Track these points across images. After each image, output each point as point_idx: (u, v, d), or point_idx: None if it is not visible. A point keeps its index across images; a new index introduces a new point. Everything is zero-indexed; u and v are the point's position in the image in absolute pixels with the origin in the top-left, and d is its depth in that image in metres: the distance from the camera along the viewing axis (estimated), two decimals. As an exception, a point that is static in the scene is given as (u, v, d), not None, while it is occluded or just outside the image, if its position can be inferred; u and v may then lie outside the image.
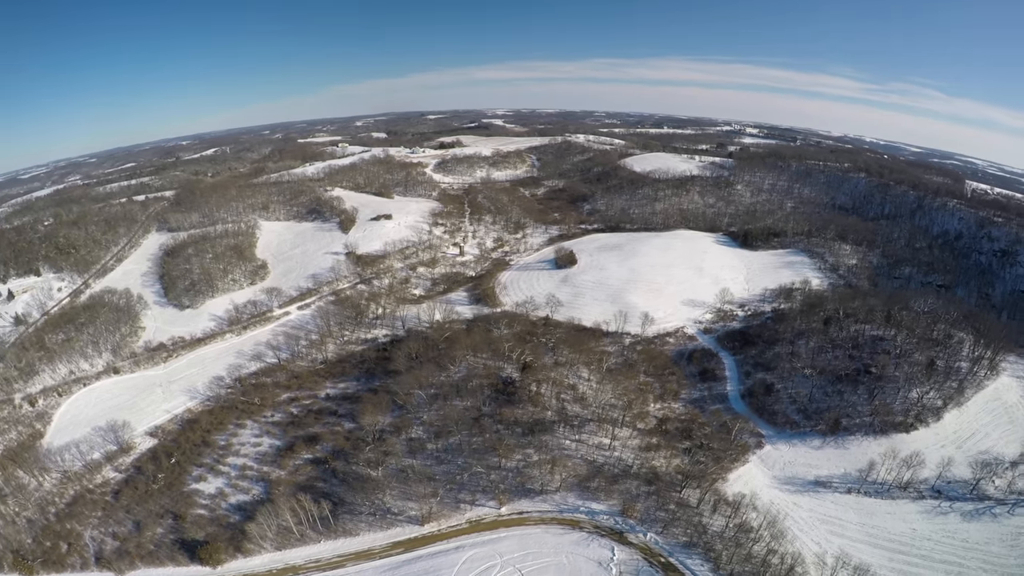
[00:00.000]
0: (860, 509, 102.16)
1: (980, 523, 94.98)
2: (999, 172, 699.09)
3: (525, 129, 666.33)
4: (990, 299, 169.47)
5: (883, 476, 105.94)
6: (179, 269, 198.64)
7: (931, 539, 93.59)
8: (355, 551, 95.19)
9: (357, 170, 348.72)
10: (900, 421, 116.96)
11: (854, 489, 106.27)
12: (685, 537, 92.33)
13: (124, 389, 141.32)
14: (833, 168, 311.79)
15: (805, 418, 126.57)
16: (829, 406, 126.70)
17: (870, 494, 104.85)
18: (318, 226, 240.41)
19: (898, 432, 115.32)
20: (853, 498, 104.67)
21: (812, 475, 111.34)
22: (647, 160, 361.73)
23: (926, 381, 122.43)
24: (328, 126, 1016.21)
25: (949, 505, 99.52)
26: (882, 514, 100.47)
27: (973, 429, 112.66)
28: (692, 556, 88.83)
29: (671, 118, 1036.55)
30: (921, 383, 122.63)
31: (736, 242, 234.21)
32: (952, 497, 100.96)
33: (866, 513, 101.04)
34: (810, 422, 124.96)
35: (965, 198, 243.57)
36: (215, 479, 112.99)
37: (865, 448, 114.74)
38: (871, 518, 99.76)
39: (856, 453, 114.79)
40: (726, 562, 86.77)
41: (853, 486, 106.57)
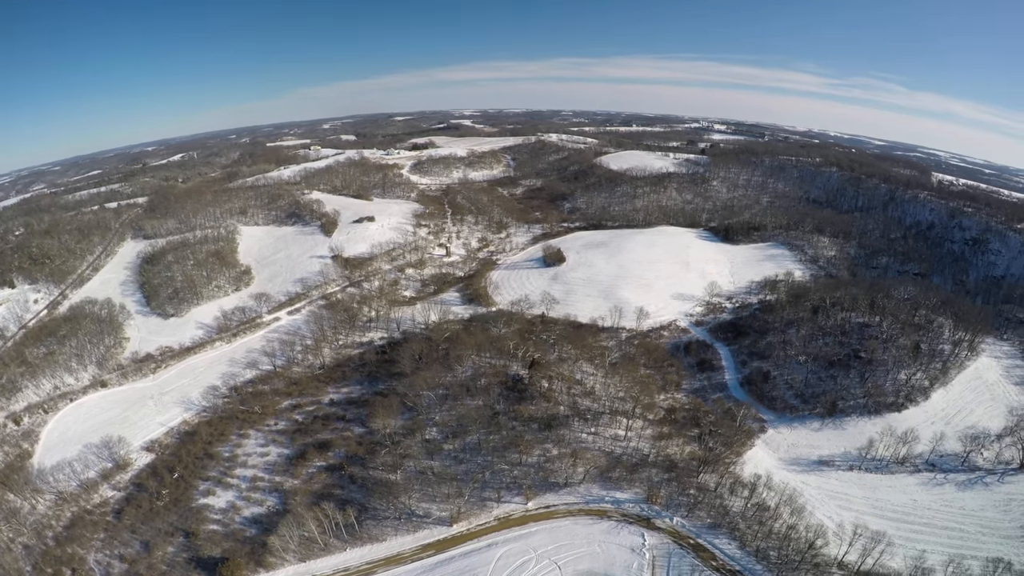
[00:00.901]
0: (863, 484, 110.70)
1: (974, 491, 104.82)
2: (961, 163, 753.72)
3: (495, 129, 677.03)
4: (965, 285, 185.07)
5: (881, 453, 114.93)
6: (160, 277, 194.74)
7: (931, 508, 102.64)
8: (384, 556, 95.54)
9: (333, 173, 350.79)
10: (892, 401, 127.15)
11: (855, 466, 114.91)
12: (709, 519, 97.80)
13: (114, 403, 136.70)
14: (805, 163, 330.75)
15: (803, 402, 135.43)
16: (824, 390, 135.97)
17: (870, 470, 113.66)
18: (299, 230, 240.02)
19: (890, 412, 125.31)
20: (855, 474, 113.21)
21: (815, 455, 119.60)
22: (623, 158, 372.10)
23: (912, 363, 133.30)
24: (295, 129, 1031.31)
25: (944, 477, 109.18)
26: (884, 488, 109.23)
27: (959, 406, 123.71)
28: (719, 536, 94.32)
29: (638, 116, 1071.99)
30: (908, 365, 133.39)
31: (718, 237, 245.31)
32: (946, 469, 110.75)
33: (869, 488, 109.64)
34: (808, 406, 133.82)
35: (933, 190, 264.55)
36: (225, 492, 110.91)
37: (861, 428, 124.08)
38: (874, 492, 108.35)
39: (853, 433, 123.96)
40: (751, 539, 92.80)
41: (854, 463, 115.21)
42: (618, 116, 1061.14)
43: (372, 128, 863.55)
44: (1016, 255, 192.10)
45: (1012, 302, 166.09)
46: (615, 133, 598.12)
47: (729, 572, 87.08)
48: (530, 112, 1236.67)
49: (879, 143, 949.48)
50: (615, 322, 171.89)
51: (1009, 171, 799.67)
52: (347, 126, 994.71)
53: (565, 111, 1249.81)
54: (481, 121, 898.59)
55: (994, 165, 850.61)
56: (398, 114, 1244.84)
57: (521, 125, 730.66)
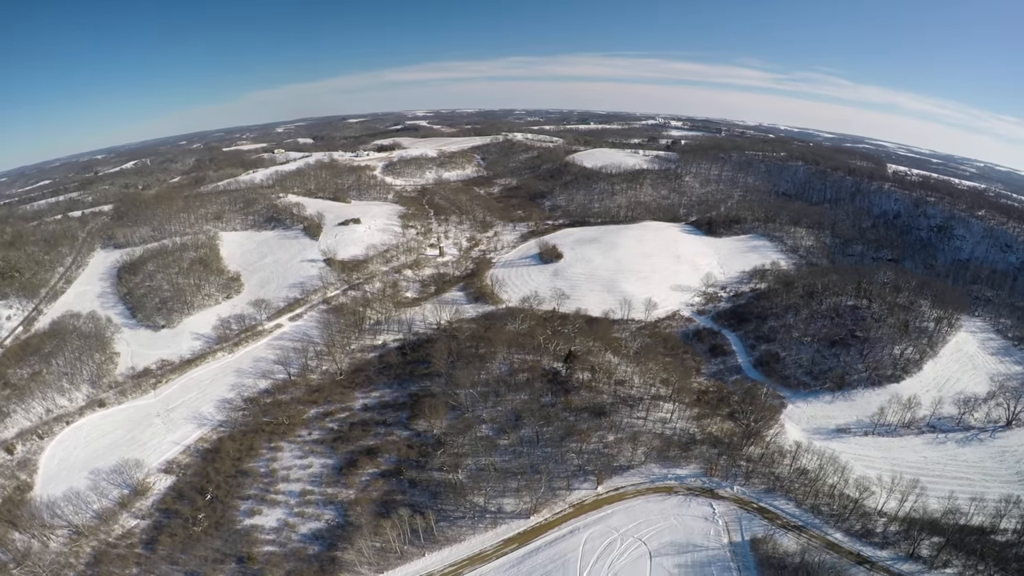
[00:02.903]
0: (879, 447, 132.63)
1: (972, 447, 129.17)
2: (908, 154, 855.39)
3: (454, 129, 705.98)
4: (934, 269, 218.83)
5: (889, 419, 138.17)
6: (144, 287, 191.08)
7: (939, 463, 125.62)
8: (467, 557, 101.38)
9: (305, 175, 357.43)
10: (890, 373, 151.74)
11: (869, 431, 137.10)
12: (763, 485, 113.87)
13: (116, 423, 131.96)
14: (771, 158, 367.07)
15: (813, 379, 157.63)
16: (830, 367, 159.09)
17: (882, 434, 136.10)
18: (281, 234, 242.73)
19: (891, 383, 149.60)
20: (870, 439, 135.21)
21: (833, 424, 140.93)
22: (594, 156, 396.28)
23: (903, 340, 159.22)
24: (248, 133, 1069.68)
25: (944, 436, 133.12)
26: (896, 448, 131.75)
27: (948, 375, 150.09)
28: (776, 499, 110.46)
29: (591, 113, 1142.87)
30: (899, 342, 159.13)
31: (701, 230, 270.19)
32: (945, 430, 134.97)
33: (884, 449, 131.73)
34: (818, 382, 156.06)
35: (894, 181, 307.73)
36: (272, 510, 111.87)
37: (868, 398, 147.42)
38: (889, 452, 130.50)
39: (861, 403, 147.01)
40: (803, 499, 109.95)
41: (867, 429, 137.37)
42: (571, 114, 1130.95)
43: (329, 131, 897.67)
44: (979, 240, 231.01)
45: (979, 282, 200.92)
46: (576, 131, 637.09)
47: (794, 527, 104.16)
48: (483, 112, 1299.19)
49: (828, 135, 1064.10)
50: (625, 314, 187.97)
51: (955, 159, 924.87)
52: (301, 129, 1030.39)
53: (518, 110, 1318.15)
54: (436, 121, 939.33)
55: (939, 155, 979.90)
56: (351, 116, 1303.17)
57: (479, 125, 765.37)
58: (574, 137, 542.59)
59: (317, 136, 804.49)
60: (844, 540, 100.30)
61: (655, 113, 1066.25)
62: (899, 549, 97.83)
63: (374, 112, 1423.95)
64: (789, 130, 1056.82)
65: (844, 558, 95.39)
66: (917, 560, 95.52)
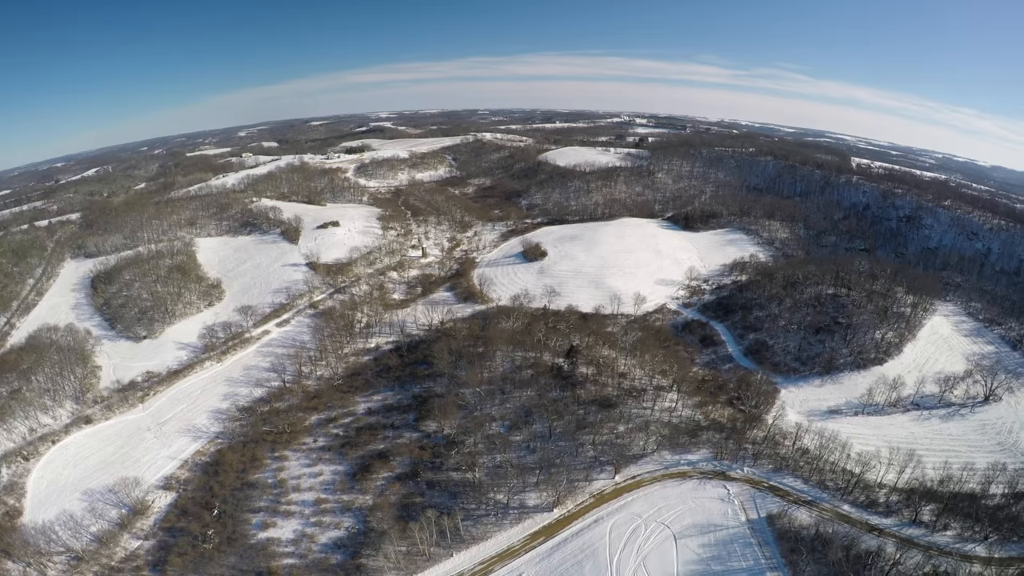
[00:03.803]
0: (869, 425, 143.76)
1: (954, 421, 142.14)
2: (868, 146, 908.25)
3: (420, 130, 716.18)
4: (906, 257, 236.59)
5: (876, 399, 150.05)
6: (121, 297, 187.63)
7: (927, 437, 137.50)
8: (495, 553, 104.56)
9: (277, 179, 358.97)
10: (874, 357, 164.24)
11: (859, 412, 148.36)
12: (771, 465, 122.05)
13: (105, 440, 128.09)
14: (741, 153, 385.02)
15: (802, 364, 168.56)
16: (817, 352, 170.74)
17: (871, 413, 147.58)
18: (258, 239, 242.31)
19: (874, 365, 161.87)
20: (861, 418, 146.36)
21: (825, 407, 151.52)
22: (566, 154, 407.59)
23: (883, 325, 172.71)
24: (210, 138, 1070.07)
25: (929, 413, 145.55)
26: (886, 426, 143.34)
27: (926, 356, 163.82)
28: (784, 477, 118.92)
29: (554, 112, 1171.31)
30: (879, 327, 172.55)
31: (678, 225, 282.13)
32: (928, 407, 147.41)
33: (874, 427, 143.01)
34: (806, 367, 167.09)
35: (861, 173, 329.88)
36: (287, 522, 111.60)
37: (855, 380, 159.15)
38: (879, 430, 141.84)
39: (849, 385, 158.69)
40: (809, 475, 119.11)
41: (857, 409, 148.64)
42: (535, 113, 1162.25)
43: (293, 134, 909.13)
44: (947, 228, 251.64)
45: (948, 268, 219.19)
46: (543, 130, 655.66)
47: (805, 502, 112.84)
48: (447, 112, 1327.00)
49: (790, 130, 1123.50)
50: (615, 309, 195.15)
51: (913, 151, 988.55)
52: (264, 133, 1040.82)
53: (482, 110, 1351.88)
54: (400, 123, 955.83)
55: (898, 147, 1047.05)
56: (314, 119, 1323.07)
57: (445, 125, 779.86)
58: (543, 136, 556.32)
59: (281, 140, 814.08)
60: (852, 511, 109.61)
61: (618, 111, 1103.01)
62: (902, 516, 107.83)
63: (337, 114, 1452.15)
64: (751, 125, 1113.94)
65: (855, 527, 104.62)
66: (920, 525, 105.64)
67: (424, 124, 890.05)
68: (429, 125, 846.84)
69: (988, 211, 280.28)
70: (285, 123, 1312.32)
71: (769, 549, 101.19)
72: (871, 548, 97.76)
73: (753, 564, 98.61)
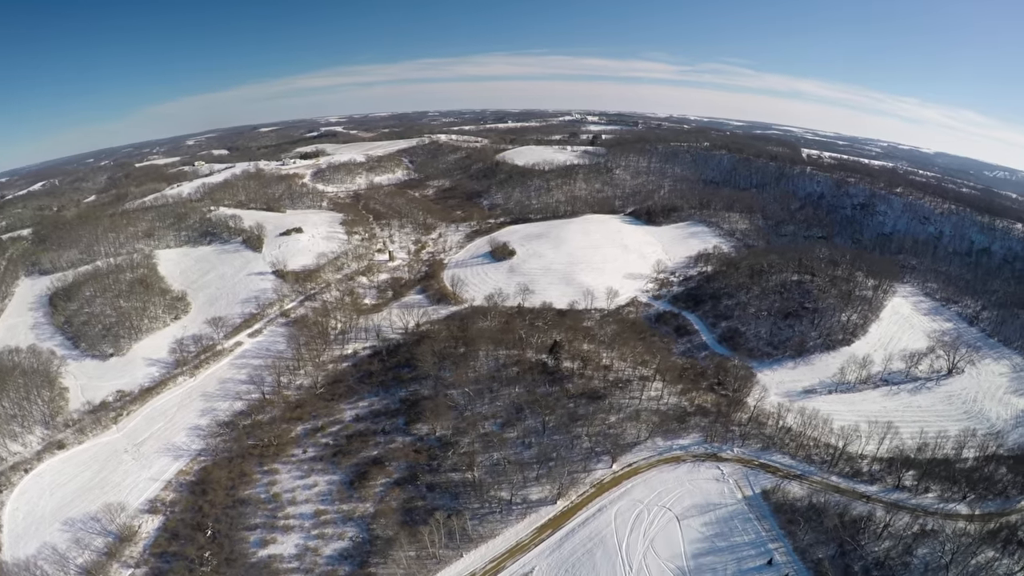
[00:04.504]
0: (843, 402, 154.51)
1: (922, 394, 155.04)
2: (815, 137, 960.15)
3: (372, 134, 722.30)
4: (862, 243, 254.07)
5: (848, 377, 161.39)
6: (83, 314, 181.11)
7: (898, 410, 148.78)
8: (505, 550, 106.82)
9: (234, 187, 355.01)
10: (841, 338, 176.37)
11: (833, 390, 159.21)
12: (759, 444, 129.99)
13: (81, 465, 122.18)
14: (696, 148, 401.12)
15: (774, 348, 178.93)
16: (788, 336, 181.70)
17: (844, 391, 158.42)
18: (220, 248, 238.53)
19: (843, 346, 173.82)
20: (835, 396, 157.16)
21: (800, 387, 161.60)
22: (524, 154, 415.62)
23: (847, 307, 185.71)
24: (158, 148, 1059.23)
25: (898, 388, 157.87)
26: (859, 402, 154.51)
27: (890, 335, 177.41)
28: (773, 454, 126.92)
29: (505, 112, 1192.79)
30: (844, 309, 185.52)
31: (641, 220, 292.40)
32: (896, 382, 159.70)
33: (848, 403, 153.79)
34: (779, 351, 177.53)
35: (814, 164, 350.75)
36: (287, 536, 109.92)
37: (826, 361, 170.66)
38: (853, 406, 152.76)
39: (820, 366, 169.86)
40: (795, 451, 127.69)
41: (831, 388, 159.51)
42: (485, 113, 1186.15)
43: (243, 141, 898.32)
44: (900, 214, 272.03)
45: (903, 252, 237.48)
46: (496, 130, 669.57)
47: (795, 476, 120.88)
48: (397, 115, 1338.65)
49: (738, 123, 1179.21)
50: (588, 304, 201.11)
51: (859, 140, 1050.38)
52: (213, 141, 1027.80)
53: (432, 112, 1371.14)
54: (351, 127, 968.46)
55: (844, 136, 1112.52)
56: (263, 125, 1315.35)
57: (397, 128, 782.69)
58: (498, 136, 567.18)
59: (232, 147, 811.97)
60: (840, 481, 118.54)
61: (569, 109, 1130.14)
62: (886, 483, 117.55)
63: (285, 120, 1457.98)
64: (699, 120, 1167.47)
65: (845, 496, 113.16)
66: (903, 490, 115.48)
67: (375, 127, 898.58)
68: (381, 128, 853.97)
69: (938, 196, 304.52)
70: (233, 130, 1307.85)
71: (768, 522, 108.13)
72: (862, 514, 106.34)
73: (755, 538, 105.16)
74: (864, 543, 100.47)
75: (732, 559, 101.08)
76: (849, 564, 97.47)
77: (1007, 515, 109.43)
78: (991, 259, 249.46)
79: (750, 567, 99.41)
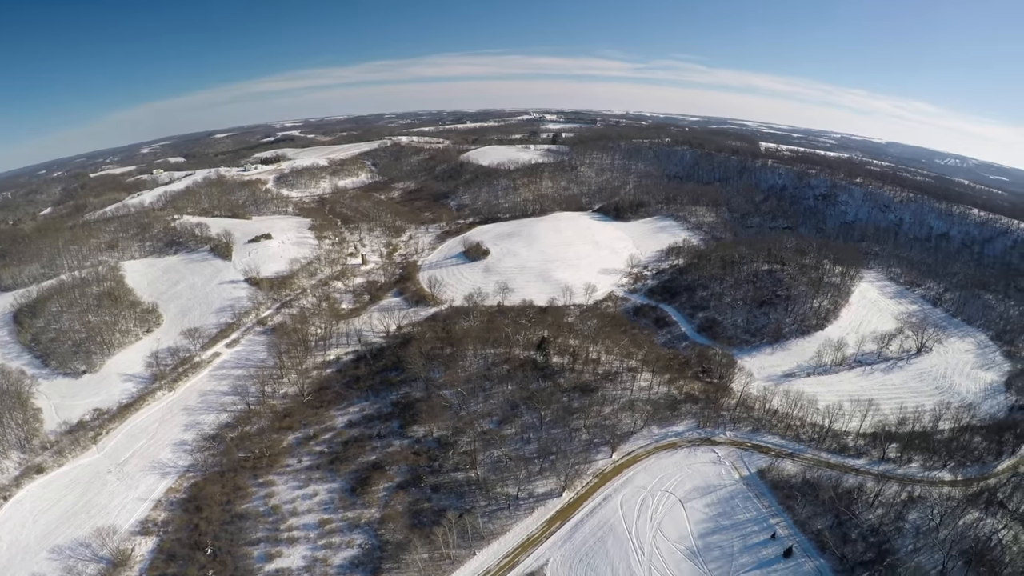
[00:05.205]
0: (822, 384, 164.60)
1: (895, 373, 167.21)
2: (769, 131, 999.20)
3: (330, 138, 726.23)
4: (826, 232, 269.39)
5: (824, 360, 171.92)
6: (51, 331, 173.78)
7: (873, 389, 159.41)
8: (517, 544, 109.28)
9: (196, 194, 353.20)
10: (815, 323, 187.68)
11: (811, 373, 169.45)
12: (749, 427, 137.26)
13: (63, 489, 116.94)
14: (658, 144, 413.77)
15: (751, 336, 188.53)
16: (764, 324, 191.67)
17: (821, 373, 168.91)
18: (187, 258, 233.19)
19: (817, 331, 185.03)
20: (814, 378, 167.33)
21: (780, 372, 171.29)
22: (487, 154, 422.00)
23: (818, 294, 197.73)
24: (112, 157, 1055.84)
25: (871, 368, 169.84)
26: (836, 383, 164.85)
27: (860, 319, 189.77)
28: (763, 435, 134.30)
29: (462, 112, 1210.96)
30: (815, 296, 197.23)
31: (609, 216, 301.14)
32: (869, 363, 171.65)
33: (827, 385, 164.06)
34: (756, 338, 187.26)
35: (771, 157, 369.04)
36: (292, 549, 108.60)
37: (802, 345, 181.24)
38: (831, 387, 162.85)
39: (797, 351, 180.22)
40: (784, 431, 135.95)
41: (809, 371, 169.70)
42: (443, 114, 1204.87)
43: (199, 147, 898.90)
44: (861, 203, 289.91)
45: (866, 239, 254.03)
46: (456, 131, 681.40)
47: (787, 455, 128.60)
48: (353, 118, 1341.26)
49: (693, 118, 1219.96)
50: (567, 300, 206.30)
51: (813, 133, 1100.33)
52: (168, 148, 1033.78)
53: (388, 114, 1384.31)
54: (307, 131, 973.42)
55: (798, 129, 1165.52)
56: (218, 131, 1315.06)
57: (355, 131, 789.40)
58: (460, 136, 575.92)
59: (188, 154, 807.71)
60: (829, 457, 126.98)
61: (526, 108, 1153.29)
62: (872, 456, 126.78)
63: (240, 125, 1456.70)
64: (655, 116, 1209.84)
65: (836, 470, 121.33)
66: (888, 462, 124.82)
67: (333, 131, 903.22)
68: (338, 132, 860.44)
69: (896, 185, 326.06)
70: (188, 137, 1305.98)
71: (767, 499, 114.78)
72: (854, 485, 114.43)
73: (756, 514, 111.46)
74: (858, 512, 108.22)
75: (737, 536, 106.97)
76: (847, 532, 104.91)
77: (986, 479, 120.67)
78: (950, 243, 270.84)
79: (755, 542, 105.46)
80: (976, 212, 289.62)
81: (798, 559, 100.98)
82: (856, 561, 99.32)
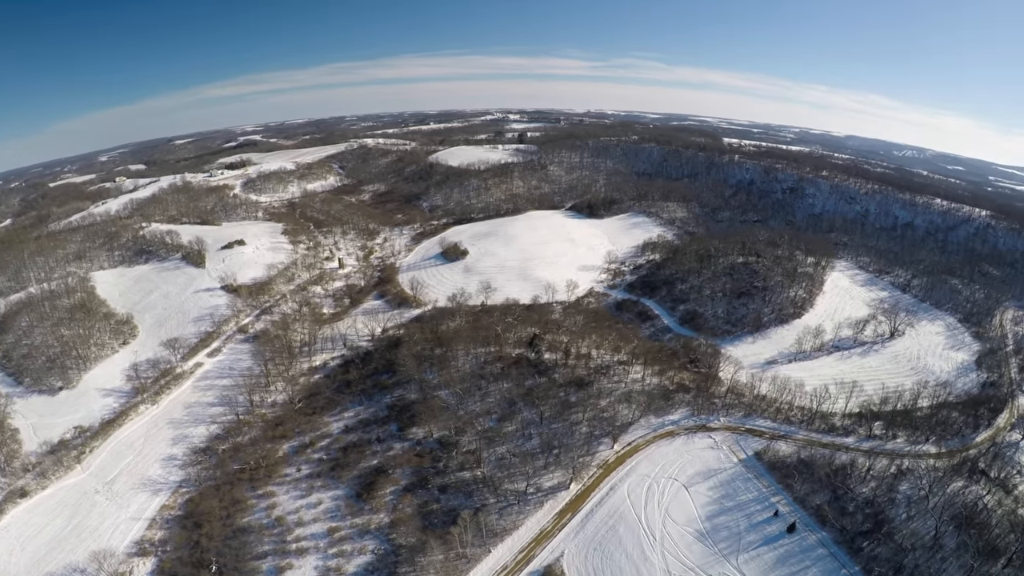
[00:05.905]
0: (804, 369, 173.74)
1: (871, 356, 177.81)
2: (730, 126, 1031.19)
3: (292, 141, 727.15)
4: (795, 224, 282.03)
5: (804, 347, 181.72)
6: (22, 347, 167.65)
7: (852, 372, 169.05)
8: (531, 539, 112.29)
9: (163, 201, 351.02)
10: (792, 312, 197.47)
11: (792, 359, 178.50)
12: (742, 412, 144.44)
13: (50, 513, 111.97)
14: (626, 141, 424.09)
15: (733, 326, 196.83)
16: (743, 314, 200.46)
17: (802, 359, 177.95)
18: (158, 266, 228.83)
19: (794, 319, 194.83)
20: (796, 364, 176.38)
21: (763, 359, 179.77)
22: (456, 154, 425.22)
23: (793, 284, 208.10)
24: (69, 165, 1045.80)
25: (849, 352, 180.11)
26: (817, 368, 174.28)
27: (835, 306, 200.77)
28: (755, 420, 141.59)
29: (423, 114, 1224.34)
30: (791, 286, 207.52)
31: (583, 214, 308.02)
32: (846, 348, 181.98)
33: (808, 370, 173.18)
34: (737, 328, 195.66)
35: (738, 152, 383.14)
36: (302, 560, 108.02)
37: (781, 334, 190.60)
38: (812, 371, 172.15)
39: (777, 339, 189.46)
40: (774, 415, 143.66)
41: (791, 358, 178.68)
42: (404, 116, 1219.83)
43: (160, 154, 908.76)
44: (828, 196, 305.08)
45: (835, 230, 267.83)
46: (420, 132, 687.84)
47: (780, 437, 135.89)
48: (314, 121, 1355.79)
49: (655, 115, 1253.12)
50: (550, 298, 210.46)
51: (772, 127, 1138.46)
52: (127, 155, 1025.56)
53: (349, 116, 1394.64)
54: (269, 135, 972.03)
55: (758, 124, 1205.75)
56: (178, 137, 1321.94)
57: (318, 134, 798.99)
58: (425, 138, 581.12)
59: (149, 161, 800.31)
60: (820, 437, 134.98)
61: (488, 108, 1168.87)
62: (859, 434, 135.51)
63: (200, 131, 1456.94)
64: (617, 113, 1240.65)
65: (827, 448, 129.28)
66: (875, 439, 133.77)
67: (295, 134, 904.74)
68: (300, 135, 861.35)
69: (861, 177, 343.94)
70: (147, 143, 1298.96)
71: (766, 479, 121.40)
72: (846, 462, 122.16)
73: (757, 494, 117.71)
74: (853, 486, 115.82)
75: (742, 516, 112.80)
76: (844, 505, 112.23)
77: (967, 450, 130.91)
78: (915, 232, 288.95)
79: (759, 520, 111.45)
80: (939, 202, 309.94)
81: (801, 533, 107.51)
82: (856, 531, 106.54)
